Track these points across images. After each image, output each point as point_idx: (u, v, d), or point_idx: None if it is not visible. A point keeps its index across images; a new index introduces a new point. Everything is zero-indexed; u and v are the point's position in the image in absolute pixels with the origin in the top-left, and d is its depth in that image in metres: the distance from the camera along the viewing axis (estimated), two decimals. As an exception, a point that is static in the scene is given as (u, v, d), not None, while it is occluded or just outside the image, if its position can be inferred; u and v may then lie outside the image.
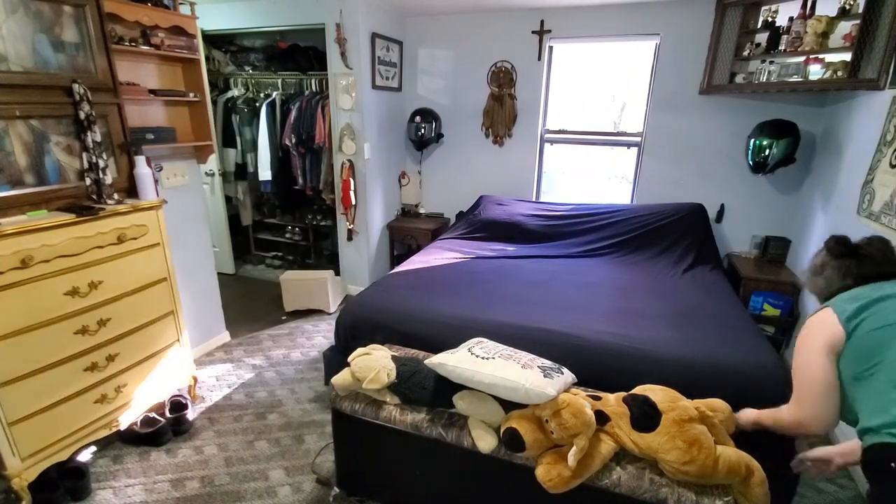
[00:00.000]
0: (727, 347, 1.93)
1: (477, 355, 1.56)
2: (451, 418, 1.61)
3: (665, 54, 3.33)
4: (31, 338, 1.69)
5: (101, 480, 1.97)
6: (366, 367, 1.66)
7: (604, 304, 2.37)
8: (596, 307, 2.32)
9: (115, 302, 1.97)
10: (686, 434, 1.33)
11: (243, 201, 4.43)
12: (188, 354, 2.41)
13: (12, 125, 1.74)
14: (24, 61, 1.74)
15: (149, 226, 2.09)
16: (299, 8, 3.41)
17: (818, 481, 2.02)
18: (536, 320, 2.13)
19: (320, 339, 3.20)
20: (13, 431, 1.69)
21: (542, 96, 3.77)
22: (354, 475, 1.86)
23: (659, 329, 2.10)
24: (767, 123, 2.99)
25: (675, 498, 1.32)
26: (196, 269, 2.83)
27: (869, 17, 2.26)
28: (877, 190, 2.13)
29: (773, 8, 2.78)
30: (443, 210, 4.30)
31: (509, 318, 2.15)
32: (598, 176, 4.08)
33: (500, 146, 3.97)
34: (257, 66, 4.15)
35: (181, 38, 2.41)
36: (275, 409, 2.44)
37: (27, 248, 1.64)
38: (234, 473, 2.02)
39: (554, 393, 1.40)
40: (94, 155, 1.93)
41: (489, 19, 3.70)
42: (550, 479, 1.36)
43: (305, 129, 3.73)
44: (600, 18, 3.41)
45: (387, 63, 3.73)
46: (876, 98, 2.30)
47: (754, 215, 3.36)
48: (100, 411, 1.97)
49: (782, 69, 2.75)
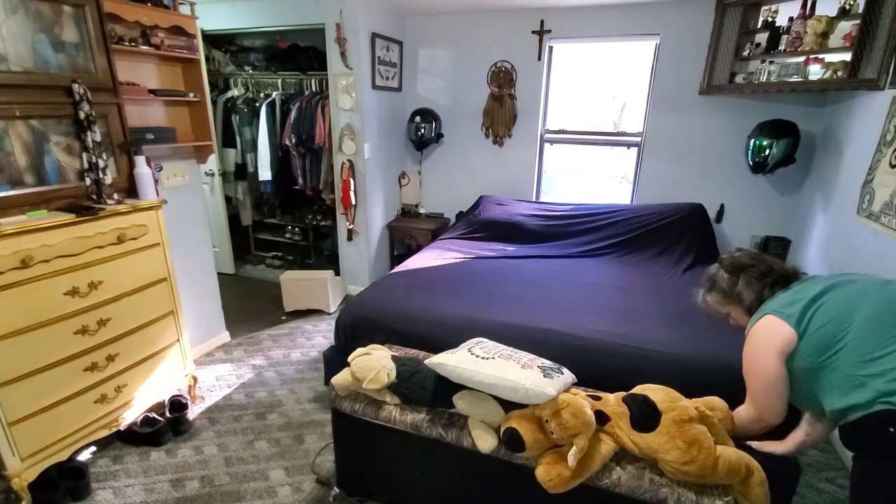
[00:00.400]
0: (726, 347, 1.92)
1: (477, 355, 1.56)
2: (451, 418, 1.61)
3: (665, 54, 3.33)
4: (31, 338, 1.69)
5: (101, 480, 1.97)
6: (366, 367, 1.66)
7: (604, 304, 2.37)
8: (596, 307, 2.32)
9: (115, 302, 1.97)
10: (686, 434, 1.33)
11: (243, 201, 4.43)
12: (188, 354, 2.41)
13: (12, 125, 1.74)
14: (24, 61, 1.74)
15: (149, 226, 2.09)
16: (299, 8, 3.41)
17: (818, 481, 2.03)
18: (536, 320, 2.13)
19: (320, 339, 3.20)
20: (13, 431, 1.69)
21: (542, 96, 3.77)
22: (354, 475, 1.86)
23: (658, 329, 2.10)
24: (767, 123, 2.99)
25: (675, 498, 1.32)
26: (196, 269, 2.83)
27: (869, 17, 2.26)
28: (877, 190, 2.14)
29: (773, 8, 2.78)
30: (443, 210, 4.30)
31: (509, 318, 2.15)
32: (598, 176, 4.08)
33: (500, 146, 3.97)
34: (257, 66, 4.15)
35: (181, 38, 2.41)
36: (275, 409, 2.44)
37: (27, 248, 1.64)
38: (234, 473, 2.02)
39: (554, 393, 1.40)
40: (94, 155, 1.93)
41: (489, 19, 3.70)
42: (550, 479, 1.36)
43: (305, 129, 3.73)
44: (600, 18, 3.41)
45: (387, 63, 3.73)
46: (876, 98, 2.30)
47: (754, 215, 3.36)
48: (100, 411, 1.97)
49: (782, 69, 2.75)
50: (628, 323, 2.15)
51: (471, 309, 2.25)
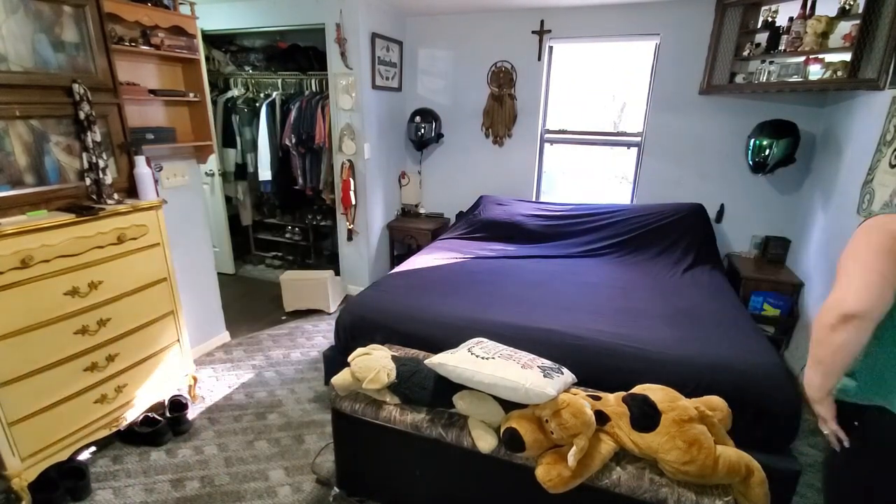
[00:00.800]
0: (727, 347, 1.93)
1: (477, 355, 1.56)
2: (451, 418, 1.61)
3: (665, 54, 3.33)
4: (31, 338, 1.69)
5: (101, 480, 1.97)
6: (366, 367, 1.66)
7: (604, 304, 2.37)
8: (596, 307, 2.32)
9: (115, 302, 1.97)
10: (686, 434, 1.33)
11: (243, 201, 4.43)
12: (188, 354, 2.41)
13: (12, 125, 1.74)
14: (24, 61, 1.74)
15: (149, 226, 2.09)
16: (299, 8, 3.41)
17: (818, 481, 2.02)
18: (536, 320, 2.13)
19: (320, 339, 3.20)
20: (13, 431, 1.69)
21: (542, 96, 3.77)
22: (354, 475, 1.86)
23: (658, 329, 2.10)
24: (767, 123, 2.99)
25: (675, 498, 1.32)
26: (196, 269, 2.83)
27: (869, 17, 2.26)
28: (876, 190, 2.13)
29: (773, 8, 2.78)
30: (443, 210, 4.30)
31: (509, 318, 2.15)
32: (598, 176, 4.08)
33: (500, 146, 3.97)
34: (257, 66, 4.15)
35: (181, 38, 2.41)
36: (275, 409, 2.44)
37: (27, 248, 1.64)
38: (234, 473, 2.02)
39: (554, 393, 1.40)
40: (94, 155, 1.93)
41: (489, 19, 3.70)
42: (550, 479, 1.36)
43: (305, 129, 3.73)
44: (600, 18, 3.41)
45: (387, 63, 3.73)
46: (876, 98, 2.30)
47: (754, 215, 3.36)
48: (100, 411, 1.97)
49: (782, 69, 2.75)
50: (628, 323, 2.15)
51: (471, 309, 2.25)
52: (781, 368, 1.82)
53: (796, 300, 2.92)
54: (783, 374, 1.78)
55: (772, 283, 2.94)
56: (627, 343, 1.95)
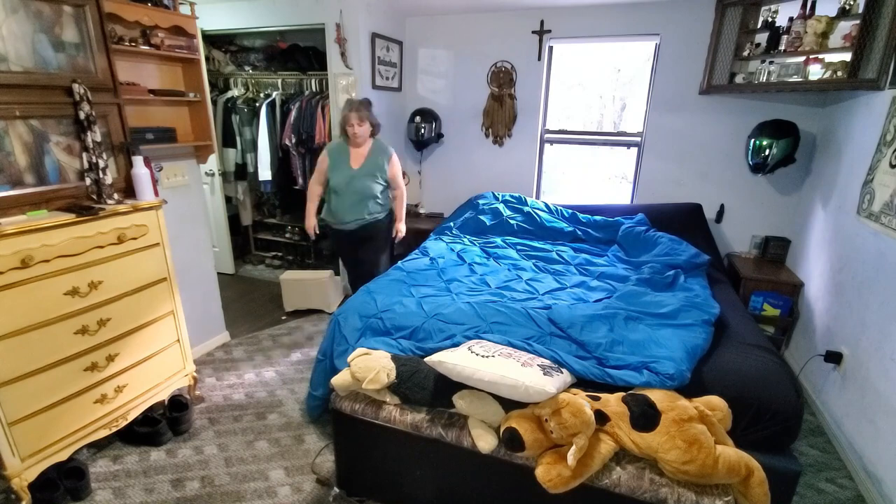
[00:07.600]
0: (726, 347, 1.93)
1: (477, 354, 1.56)
2: (451, 418, 1.61)
3: (665, 54, 3.33)
4: (31, 338, 1.69)
5: (101, 480, 1.97)
6: (366, 368, 1.66)
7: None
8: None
9: (115, 302, 1.97)
10: (686, 433, 1.33)
11: (243, 201, 4.43)
12: (188, 354, 2.41)
13: (12, 125, 1.74)
14: (24, 61, 1.74)
15: (149, 226, 2.09)
16: (299, 8, 3.41)
17: (818, 481, 2.03)
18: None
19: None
20: (13, 431, 1.69)
21: (542, 96, 3.77)
22: (354, 475, 1.86)
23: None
24: (767, 123, 2.99)
25: (675, 498, 1.32)
26: (196, 269, 2.83)
27: (869, 17, 2.26)
28: (877, 190, 2.13)
29: (773, 8, 2.78)
30: (443, 210, 4.30)
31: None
32: (598, 176, 4.08)
33: (500, 146, 3.97)
34: (257, 66, 4.15)
35: (181, 38, 2.41)
36: (275, 409, 2.44)
37: (27, 248, 1.64)
38: (234, 473, 2.02)
39: (553, 390, 1.40)
40: (94, 155, 1.93)
41: (489, 19, 3.70)
42: (550, 479, 1.36)
43: (305, 129, 3.73)
44: (600, 18, 3.41)
45: (387, 63, 3.73)
46: (876, 98, 2.30)
47: (754, 215, 3.36)
48: (100, 411, 1.97)
49: (782, 69, 2.75)
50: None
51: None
52: (781, 368, 1.82)
53: (796, 300, 2.92)
54: (783, 374, 1.78)
55: (772, 283, 2.94)
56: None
